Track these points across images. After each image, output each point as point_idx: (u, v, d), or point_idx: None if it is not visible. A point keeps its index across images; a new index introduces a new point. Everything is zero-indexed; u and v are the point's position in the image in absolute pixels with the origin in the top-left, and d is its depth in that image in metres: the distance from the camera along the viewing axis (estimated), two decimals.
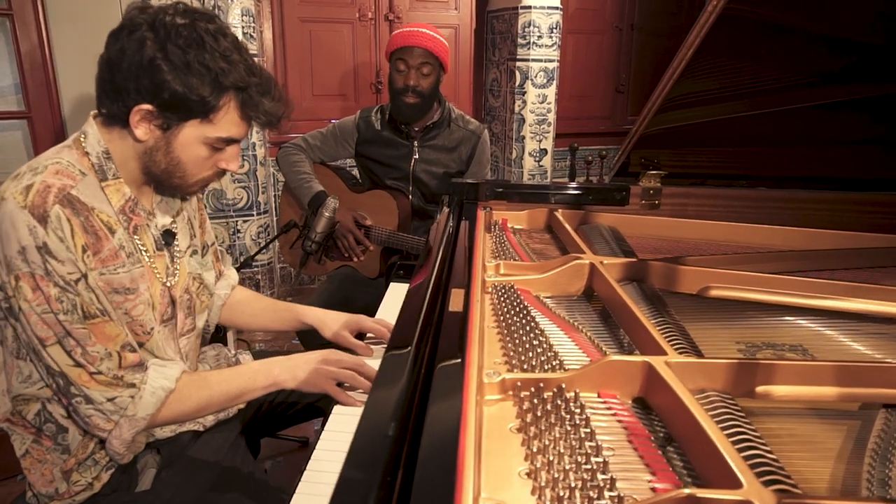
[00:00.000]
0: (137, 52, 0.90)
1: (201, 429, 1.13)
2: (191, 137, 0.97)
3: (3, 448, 1.06)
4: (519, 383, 0.76)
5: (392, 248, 2.10)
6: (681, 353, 0.80)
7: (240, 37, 2.63)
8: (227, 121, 0.97)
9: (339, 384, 1.10)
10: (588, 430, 0.68)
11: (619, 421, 0.72)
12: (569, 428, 0.68)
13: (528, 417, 0.70)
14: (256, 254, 1.85)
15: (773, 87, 1.32)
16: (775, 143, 1.48)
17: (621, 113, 4.14)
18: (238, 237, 2.89)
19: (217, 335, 1.40)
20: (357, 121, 2.19)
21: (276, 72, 3.28)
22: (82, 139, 0.99)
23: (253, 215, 2.90)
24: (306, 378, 1.09)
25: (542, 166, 3.56)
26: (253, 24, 2.70)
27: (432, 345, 0.81)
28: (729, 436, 0.63)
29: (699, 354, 0.84)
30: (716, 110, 1.38)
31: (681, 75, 1.18)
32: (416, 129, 2.14)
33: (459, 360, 0.74)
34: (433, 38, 2.04)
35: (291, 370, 1.10)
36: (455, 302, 0.92)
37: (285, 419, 1.41)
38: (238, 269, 1.90)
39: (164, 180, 1.02)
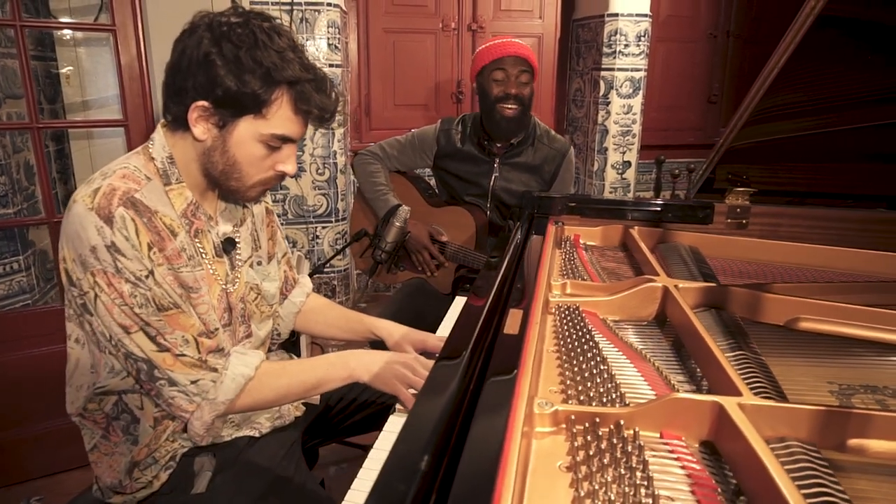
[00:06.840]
0: (195, 50, 0.94)
1: (257, 434, 1.14)
2: (246, 135, 0.99)
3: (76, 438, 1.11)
4: (573, 416, 0.70)
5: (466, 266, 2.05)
6: (758, 394, 0.72)
7: (325, 48, 2.76)
8: (281, 116, 0.98)
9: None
10: (645, 475, 0.61)
11: (683, 467, 0.64)
12: (623, 471, 0.62)
13: (580, 455, 0.65)
14: (327, 262, 1.88)
15: (881, 96, 1.17)
16: (882, 159, 1.33)
17: (713, 124, 3.93)
18: (317, 243, 2.96)
19: (290, 339, 1.41)
20: (437, 132, 2.10)
21: (359, 82, 3.35)
22: (150, 145, 1.03)
23: (331, 221, 2.95)
24: (379, 372, 1.09)
25: (625, 179, 3.43)
26: (338, 36, 2.76)
27: (482, 368, 0.77)
28: (808, 496, 0.55)
29: (781, 396, 0.75)
30: (813, 122, 1.25)
31: (774, 84, 1.07)
32: (499, 145, 2.03)
33: (509, 387, 0.70)
34: (528, 48, 1.96)
35: (367, 364, 1.10)
36: (512, 323, 0.87)
37: (352, 426, 1.41)
38: (311, 275, 1.93)
39: (222, 182, 1.04)
